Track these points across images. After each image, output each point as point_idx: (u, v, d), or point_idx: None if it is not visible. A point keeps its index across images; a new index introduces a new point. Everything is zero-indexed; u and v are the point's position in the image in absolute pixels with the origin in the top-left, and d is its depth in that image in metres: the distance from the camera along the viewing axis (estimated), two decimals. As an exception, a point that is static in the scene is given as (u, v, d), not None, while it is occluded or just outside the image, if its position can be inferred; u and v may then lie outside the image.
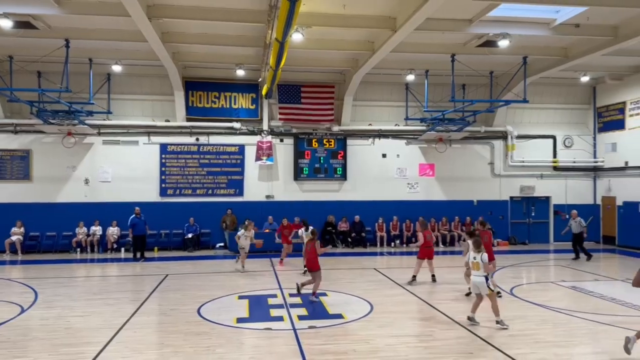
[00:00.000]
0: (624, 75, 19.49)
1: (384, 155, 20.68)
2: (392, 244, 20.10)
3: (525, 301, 10.71)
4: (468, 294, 10.89)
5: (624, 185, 19.84)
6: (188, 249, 18.77)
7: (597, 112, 21.29)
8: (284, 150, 20.21)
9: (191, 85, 19.41)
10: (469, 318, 8.86)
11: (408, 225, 20.25)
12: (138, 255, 17.06)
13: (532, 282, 13.58)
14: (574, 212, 17.16)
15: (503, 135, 21.09)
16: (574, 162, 21.32)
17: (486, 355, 7.28)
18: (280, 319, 9.28)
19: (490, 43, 14.98)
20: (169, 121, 19.37)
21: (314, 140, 20.24)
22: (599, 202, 21.41)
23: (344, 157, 20.33)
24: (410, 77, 18.58)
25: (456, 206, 20.75)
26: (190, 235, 18.96)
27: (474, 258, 8.56)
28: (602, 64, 18.13)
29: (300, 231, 14.69)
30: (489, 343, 7.82)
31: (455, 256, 16.66)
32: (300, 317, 9.35)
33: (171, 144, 19.51)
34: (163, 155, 19.47)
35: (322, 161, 20.24)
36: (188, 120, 19.41)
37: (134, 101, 19.35)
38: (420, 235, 12.76)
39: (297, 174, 20.15)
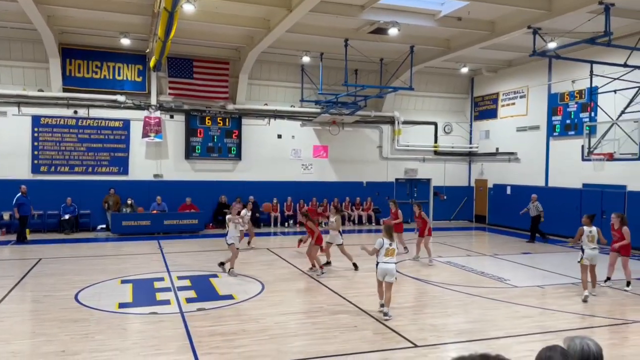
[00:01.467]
0: (498, 68, 21.36)
1: (279, 136, 20.70)
2: (286, 224, 20.32)
3: (406, 276, 11.43)
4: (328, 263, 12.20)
5: (495, 169, 21.90)
6: (65, 231, 17.34)
7: (474, 101, 23.15)
8: (175, 127, 19.36)
9: (69, 53, 17.72)
10: (381, 305, 8.42)
11: (302, 206, 20.56)
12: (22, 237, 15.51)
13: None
14: (534, 196, 17.15)
15: (391, 120, 22.13)
16: (453, 147, 23.05)
17: (369, 328, 7.67)
18: (167, 302, 8.96)
19: (381, 30, 15.53)
20: (42, 91, 17.57)
21: (207, 118, 19.63)
22: (472, 184, 23.42)
23: (239, 136, 20.00)
24: (306, 59, 18.69)
25: (347, 187, 21.48)
26: (67, 217, 17.50)
27: (390, 245, 8.26)
28: (480, 57, 19.67)
29: (243, 212, 13.65)
30: (371, 316, 8.24)
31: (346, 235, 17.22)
32: (189, 300, 9.11)
33: (45, 116, 17.73)
34: (36, 129, 17.66)
35: (215, 140, 19.73)
36: (65, 90, 17.73)
37: (3, 67, 17.25)
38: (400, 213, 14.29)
39: (189, 153, 19.45)
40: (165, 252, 14.26)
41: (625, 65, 13.60)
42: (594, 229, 9.74)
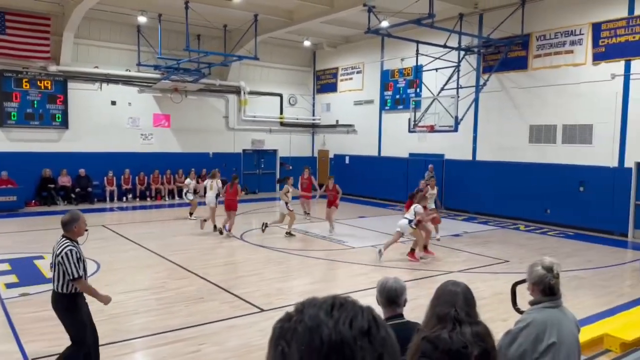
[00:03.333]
0: (338, 44, 22.33)
1: (113, 103, 19.01)
2: (124, 198, 18.97)
3: (253, 244, 11.58)
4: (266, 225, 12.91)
5: (335, 140, 23.11)
6: None
7: (316, 74, 23.97)
8: (-17, 90, 16.58)
9: None
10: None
11: (142, 179, 19.36)
12: None
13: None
14: (431, 166, 17.00)
15: (237, 90, 21.84)
16: (297, 119, 23.69)
17: (216, 298, 7.64)
18: (-20, 290, 7.81)
19: (224, -5, 15.05)
20: None
21: (24, 81, 17.17)
22: (316, 154, 24.46)
23: (65, 102, 17.89)
24: (142, 19, 17.32)
25: (192, 158, 20.72)
26: None
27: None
28: (322, 32, 20.32)
29: (206, 182, 14.10)
30: (219, 286, 8.21)
31: (189, 208, 16.68)
32: (9, 285, 8.07)
33: None
34: None
35: (36, 106, 17.39)
36: None
37: None
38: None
39: (3, 120, 16.88)
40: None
41: (444, 46, 15.25)
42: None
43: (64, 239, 4.91)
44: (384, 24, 14.67)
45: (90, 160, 18.26)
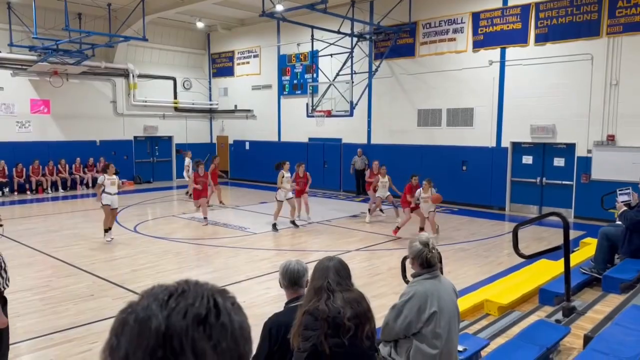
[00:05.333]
0: (233, 27, 21.83)
1: (-19, 87, 17.00)
2: (1, 192, 17.16)
3: (148, 236, 11.09)
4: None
5: (234, 126, 22.71)
6: None
7: (212, 58, 23.27)
8: None
9: None
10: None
11: (20, 171, 17.60)
12: None
13: (157, 217, 14.17)
14: (360, 150, 17.23)
15: (125, 73, 20.54)
16: (193, 103, 22.89)
17: (107, 294, 7.24)
18: None
19: (107, -29, 13.99)
20: None
21: None
22: (214, 141, 23.87)
23: None
24: (12, -6, 15.58)
25: (77, 147, 19.26)
26: None
27: None
28: (215, 13, 19.70)
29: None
30: (111, 282, 7.77)
31: (74, 201, 15.55)
32: None
33: None
34: None
35: None
36: None
37: None
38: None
39: None
40: None
41: (338, 32, 15.55)
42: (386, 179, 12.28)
43: None
44: (279, 7, 14.59)
45: (-46, 151, 16.23)
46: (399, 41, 16.30)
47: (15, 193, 17.35)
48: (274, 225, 11.74)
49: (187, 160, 17.08)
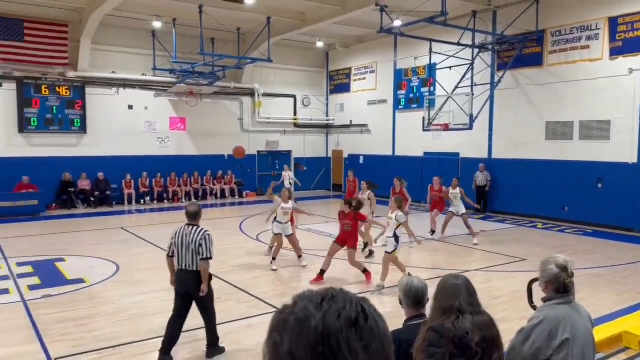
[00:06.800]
0: (351, 44, 22.35)
1: (130, 107, 19.30)
2: (142, 201, 19.25)
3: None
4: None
5: (349, 140, 23.13)
6: None
7: (330, 75, 24.02)
8: (4, 96, 16.95)
9: None
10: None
11: (159, 181, 19.62)
12: None
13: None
14: (482, 165, 16.63)
15: (251, 93, 21.99)
16: (311, 119, 23.76)
17: (232, 298, 7.73)
18: (5, 292, 8.02)
19: (237, -1, 15.19)
20: None
21: (44, 87, 17.53)
22: (330, 155, 24.50)
23: (83, 107, 18.22)
24: (157, 24, 17.56)
25: (208, 161, 20.96)
26: None
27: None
28: (334, 32, 20.36)
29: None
30: (234, 286, 8.29)
31: (204, 210, 16.83)
32: (32, 287, 8.26)
33: None
34: None
35: (55, 111, 17.74)
36: None
37: None
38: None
39: (23, 126, 17.25)
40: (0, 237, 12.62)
41: (458, 44, 15.19)
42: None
43: (195, 227, 5.70)
44: (397, 23, 14.66)
45: (108, 164, 18.57)
46: (525, 50, 15.44)
47: (155, 202, 19.32)
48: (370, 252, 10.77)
49: (286, 174, 17.55)
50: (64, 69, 17.66)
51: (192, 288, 5.56)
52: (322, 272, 8.53)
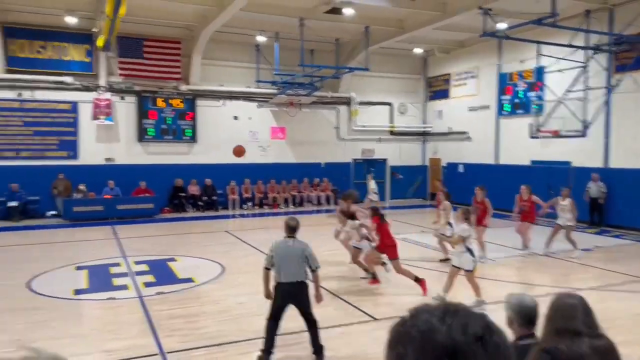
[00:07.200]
0: (451, 49, 21.76)
1: (235, 118, 20.43)
2: (244, 206, 20.21)
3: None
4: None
5: (447, 148, 22.48)
6: (13, 218, 16.59)
7: (427, 82, 23.56)
8: (126, 109, 18.77)
9: (11, 32, 16.77)
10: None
11: (260, 188, 20.48)
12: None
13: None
14: (595, 175, 15.30)
15: (347, 101, 22.24)
16: (408, 127, 23.45)
17: (329, 304, 7.82)
18: (124, 287, 8.82)
19: (336, 10, 15.49)
20: (-19, 72, 16.59)
21: (159, 100, 19.12)
22: (427, 163, 23.97)
23: (194, 118, 19.62)
24: (261, 39, 18.43)
25: (305, 168, 21.50)
26: (14, 204, 16.72)
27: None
28: (433, 38, 19.96)
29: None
30: (332, 293, 8.40)
31: (301, 216, 17.27)
32: (147, 284, 9.01)
33: (-14, 100, 16.79)
34: (-24, 113, 16.71)
35: (169, 122, 19.27)
36: (9, 72, 16.82)
37: None
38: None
39: (142, 136, 18.94)
40: (120, 237, 13.93)
41: (569, 45, 14.17)
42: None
43: (296, 239, 5.96)
44: (501, 25, 14.04)
45: (215, 171, 19.77)
46: (648, 50, 14.03)
47: (256, 207, 20.19)
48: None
49: (373, 184, 17.47)
50: (178, 82, 19.16)
51: (300, 299, 5.75)
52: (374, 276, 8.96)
